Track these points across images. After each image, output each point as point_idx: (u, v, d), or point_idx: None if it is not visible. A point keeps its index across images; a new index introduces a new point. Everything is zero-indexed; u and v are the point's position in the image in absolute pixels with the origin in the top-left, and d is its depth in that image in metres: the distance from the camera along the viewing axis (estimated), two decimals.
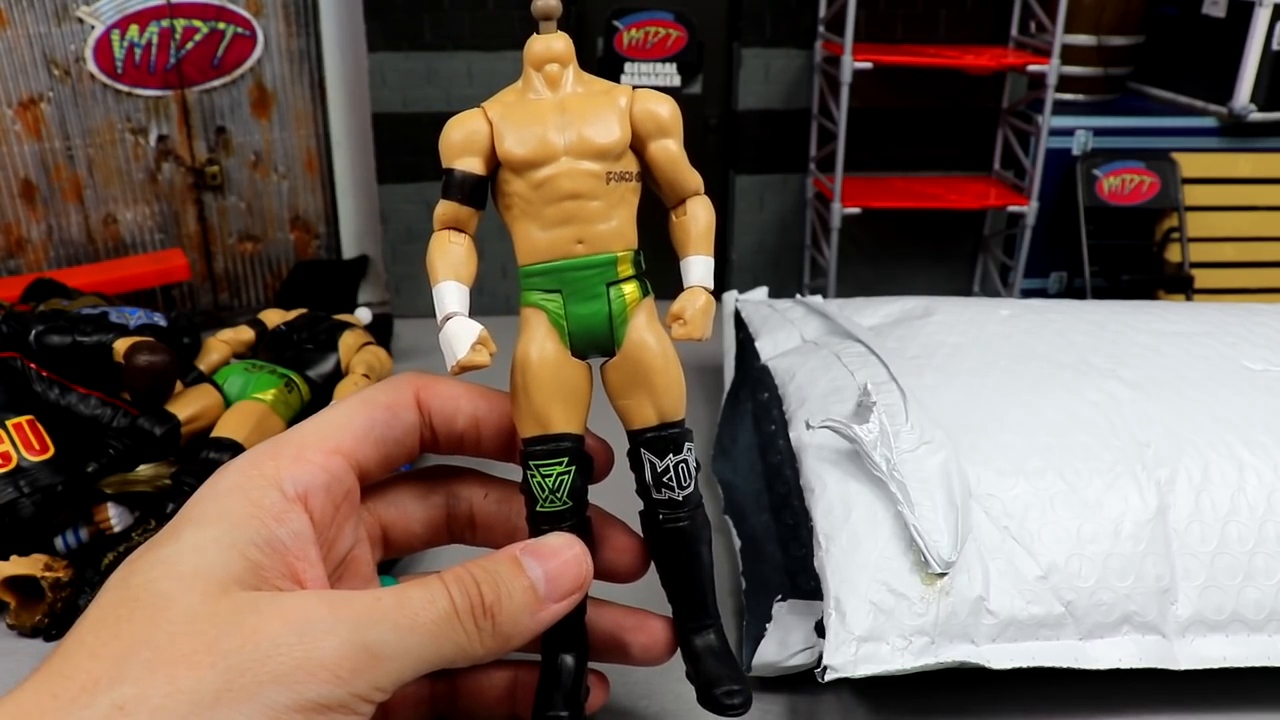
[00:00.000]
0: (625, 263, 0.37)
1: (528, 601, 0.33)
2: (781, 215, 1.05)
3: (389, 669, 0.29)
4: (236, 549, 0.30)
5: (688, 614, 0.40)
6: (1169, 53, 1.14)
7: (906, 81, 1.01)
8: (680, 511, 0.38)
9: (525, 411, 0.36)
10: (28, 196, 0.95)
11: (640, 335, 0.37)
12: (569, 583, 0.34)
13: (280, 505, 0.32)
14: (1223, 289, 1.08)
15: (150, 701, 0.26)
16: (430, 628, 0.31)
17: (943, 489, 0.49)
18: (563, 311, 0.36)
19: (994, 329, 0.65)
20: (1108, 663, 0.47)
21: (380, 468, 0.37)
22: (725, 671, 0.39)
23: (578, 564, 0.35)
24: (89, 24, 0.92)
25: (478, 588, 0.32)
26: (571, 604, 0.35)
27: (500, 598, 0.32)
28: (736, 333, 0.76)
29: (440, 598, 0.31)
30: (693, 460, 0.39)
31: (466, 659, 0.32)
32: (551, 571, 0.34)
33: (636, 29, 0.99)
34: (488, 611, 0.32)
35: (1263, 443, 0.53)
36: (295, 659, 0.28)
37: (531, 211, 0.35)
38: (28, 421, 0.57)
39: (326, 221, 1.05)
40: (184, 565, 0.29)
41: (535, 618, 0.33)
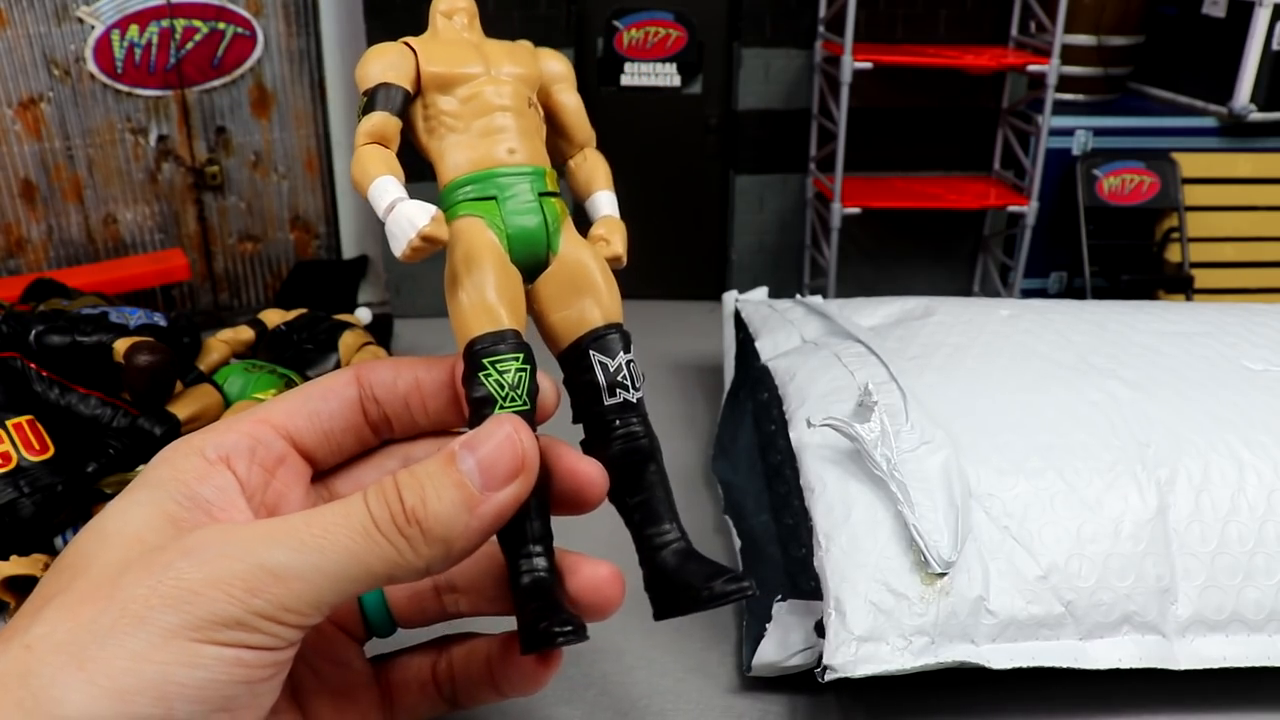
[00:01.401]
0: (551, 178, 0.38)
1: (461, 497, 0.30)
2: (781, 215, 1.05)
3: (296, 588, 0.28)
4: (155, 506, 0.30)
5: (651, 528, 0.37)
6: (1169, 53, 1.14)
7: (906, 81, 1.00)
8: (633, 416, 0.37)
9: (477, 308, 0.34)
10: (28, 196, 0.95)
11: (573, 243, 0.38)
12: (506, 466, 0.30)
13: (201, 467, 0.32)
14: (1223, 289, 1.08)
15: (53, 637, 0.27)
16: (344, 544, 0.29)
17: (943, 489, 0.49)
18: (500, 217, 0.36)
19: (994, 329, 0.65)
20: (1108, 663, 0.47)
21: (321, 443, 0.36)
22: (714, 567, 0.36)
23: (513, 443, 0.31)
24: (89, 24, 0.92)
25: (398, 494, 0.30)
26: (517, 491, 0.31)
27: (426, 500, 0.29)
28: (736, 333, 0.76)
29: (355, 512, 0.29)
30: (638, 366, 0.37)
31: (406, 572, 0.30)
32: (484, 459, 0.30)
33: (636, 29, 0.99)
34: (412, 518, 0.29)
35: (1263, 443, 0.53)
36: (186, 581, 0.27)
37: (460, 127, 0.37)
38: (28, 421, 0.57)
39: (326, 221, 1.05)
40: (107, 528, 0.30)
41: (475, 514, 0.30)
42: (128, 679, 0.26)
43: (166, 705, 0.26)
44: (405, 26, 0.97)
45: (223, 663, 0.27)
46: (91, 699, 0.26)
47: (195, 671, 0.27)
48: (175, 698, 0.26)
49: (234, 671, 0.27)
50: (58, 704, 0.25)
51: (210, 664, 0.27)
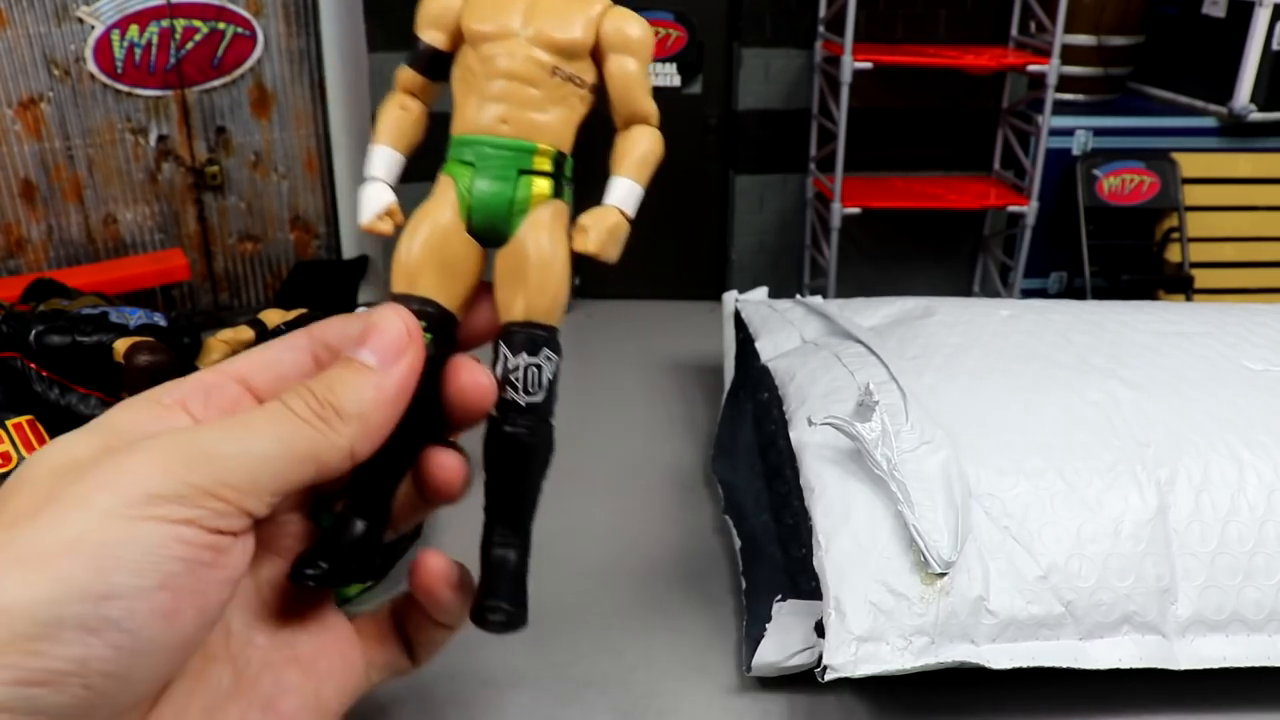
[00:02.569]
0: (544, 157, 0.36)
1: (365, 379, 0.33)
2: (781, 215, 1.05)
3: (229, 465, 0.29)
4: (98, 438, 0.31)
5: (497, 525, 0.38)
6: (1169, 53, 1.14)
7: (906, 81, 1.01)
8: (518, 419, 0.36)
9: (399, 267, 0.36)
10: (28, 196, 0.95)
11: (532, 228, 0.36)
12: (393, 341, 0.34)
13: (155, 410, 0.33)
14: (1223, 289, 1.08)
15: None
16: (269, 427, 0.31)
17: (943, 489, 0.49)
18: (469, 184, 0.36)
19: (994, 329, 0.65)
20: (1108, 663, 0.47)
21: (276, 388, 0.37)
22: (504, 588, 0.37)
23: (395, 324, 0.35)
24: (89, 24, 0.92)
25: (309, 389, 0.33)
26: (410, 369, 0.35)
27: (334, 386, 0.33)
28: (736, 333, 0.76)
29: (275, 404, 0.32)
30: (548, 370, 0.36)
31: (331, 452, 0.32)
32: (375, 342, 0.34)
33: None
34: (325, 403, 0.32)
35: (1263, 443, 0.53)
36: (119, 465, 0.28)
37: (475, 85, 0.36)
38: (28, 421, 0.57)
39: (326, 221, 1.05)
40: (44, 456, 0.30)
41: (380, 388, 0.33)
42: (65, 560, 0.26)
43: (104, 577, 0.26)
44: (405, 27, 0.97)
45: (161, 538, 0.28)
46: (29, 583, 0.26)
47: (133, 545, 0.27)
48: (113, 570, 0.27)
49: (173, 546, 0.28)
50: None
51: (147, 538, 0.27)
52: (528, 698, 0.50)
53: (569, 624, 0.56)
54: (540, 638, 0.55)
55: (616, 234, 0.36)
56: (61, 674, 0.26)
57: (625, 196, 0.37)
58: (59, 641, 0.26)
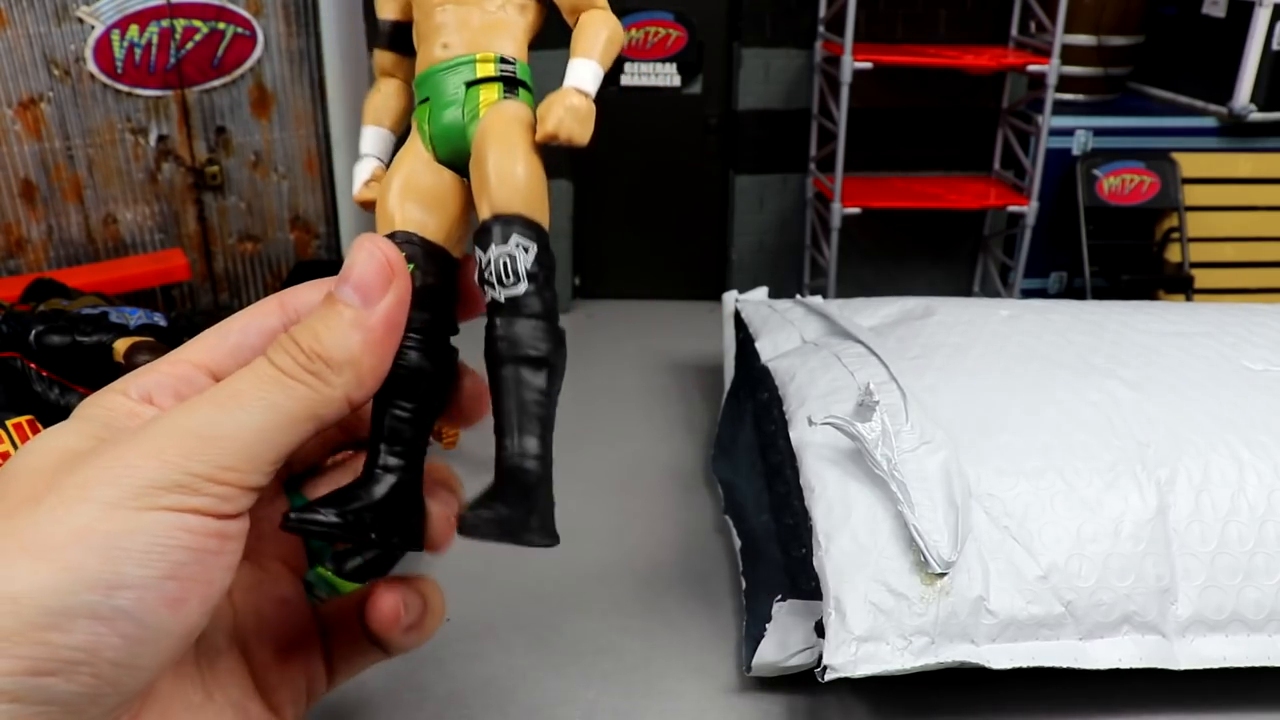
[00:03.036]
0: (485, 63, 0.35)
1: (348, 318, 0.32)
2: (781, 215, 1.05)
3: (228, 446, 0.29)
4: (83, 433, 0.31)
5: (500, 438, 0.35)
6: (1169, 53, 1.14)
7: (906, 81, 1.01)
8: (500, 315, 0.33)
9: (380, 213, 0.35)
10: (28, 196, 0.95)
11: (483, 128, 0.35)
12: (375, 278, 0.33)
13: (126, 406, 0.33)
14: (1223, 289, 1.08)
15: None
16: (259, 395, 0.30)
17: (943, 489, 0.49)
18: (428, 116, 0.36)
19: (994, 329, 0.65)
20: (1108, 663, 0.47)
21: None
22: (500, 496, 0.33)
23: (374, 256, 0.33)
24: (89, 24, 0.92)
25: (294, 341, 0.31)
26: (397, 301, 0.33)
27: (319, 334, 0.31)
28: (736, 333, 0.76)
29: (261, 367, 0.31)
30: (524, 260, 0.34)
31: (326, 406, 0.31)
32: (356, 281, 0.32)
33: (636, 29, 0.99)
34: (312, 355, 0.31)
35: (1263, 443, 0.53)
36: (117, 458, 0.28)
37: (422, 31, 0.37)
38: (28, 421, 0.57)
39: (326, 221, 1.05)
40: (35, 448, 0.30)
41: (367, 329, 0.32)
42: (73, 550, 0.26)
43: (114, 568, 0.26)
44: None
45: (167, 526, 0.27)
46: (39, 573, 0.26)
47: (139, 536, 0.27)
48: (123, 561, 0.27)
49: (179, 535, 0.28)
50: (4, 582, 0.25)
51: (154, 528, 0.27)
52: (527, 697, 0.50)
53: (569, 624, 0.56)
54: (540, 638, 0.55)
55: (578, 113, 0.34)
56: (72, 663, 0.26)
57: (583, 75, 0.35)
58: (70, 631, 0.26)
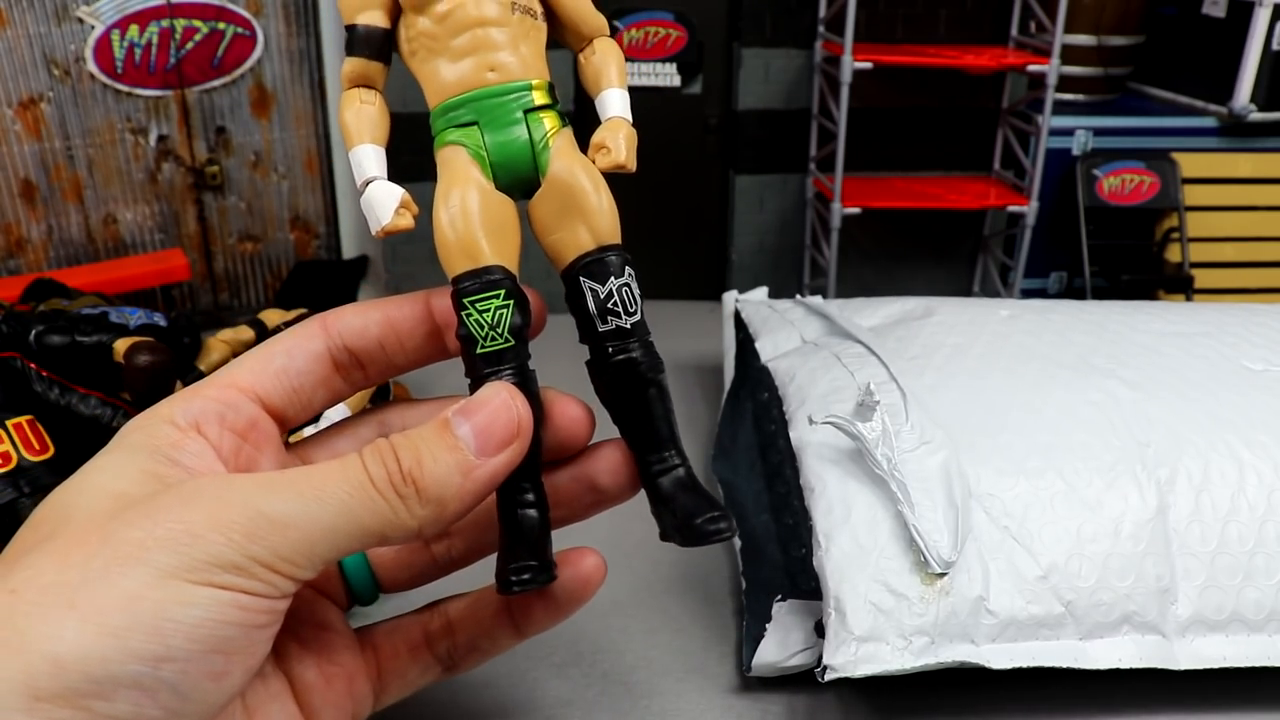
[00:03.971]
0: (541, 90, 0.36)
1: (456, 461, 0.30)
2: (781, 215, 1.05)
3: (292, 537, 0.28)
4: (135, 465, 0.30)
5: (652, 454, 0.37)
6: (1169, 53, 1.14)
7: (906, 81, 1.01)
8: (629, 341, 0.35)
9: (454, 247, 0.34)
10: (28, 196, 0.96)
11: (566, 160, 0.35)
12: (501, 432, 0.31)
13: (174, 435, 0.32)
14: (1223, 289, 1.08)
15: (40, 580, 0.26)
16: (341, 497, 0.29)
17: (943, 489, 0.49)
18: (482, 143, 0.35)
19: (994, 329, 0.65)
20: (1108, 663, 0.47)
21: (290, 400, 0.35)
22: (703, 502, 0.36)
23: (507, 410, 0.32)
24: (89, 24, 0.92)
25: (395, 455, 0.30)
26: (511, 457, 0.32)
27: (422, 461, 0.30)
28: (736, 333, 0.76)
29: (352, 468, 0.30)
30: (636, 286, 0.36)
31: (398, 531, 0.30)
32: (480, 424, 0.31)
33: (636, 29, 0.99)
34: (408, 478, 0.30)
35: (1263, 443, 0.53)
36: (185, 523, 0.27)
37: (438, 48, 0.35)
38: (28, 421, 0.57)
39: (326, 221, 1.05)
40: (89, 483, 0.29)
41: (469, 477, 0.31)
42: (122, 617, 0.26)
43: (162, 641, 0.26)
44: None
45: (219, 604, 0.27)
46: (85, 636, 0.25)
47: (191, 610, 0.26)
48: (170, 634, 0.26)
49: (230, 613, 0.27)
50: (49, 641, 0.25)
51: (206, 604, 0.27)
52: (527, 698, 0.50)
53: (569, 624, 0.56)
54: (540, 638, 0.55)
55: (633, 142, 0.36)
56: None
57: (624, 107, 0.36)
58: (112, 700, 0.25)
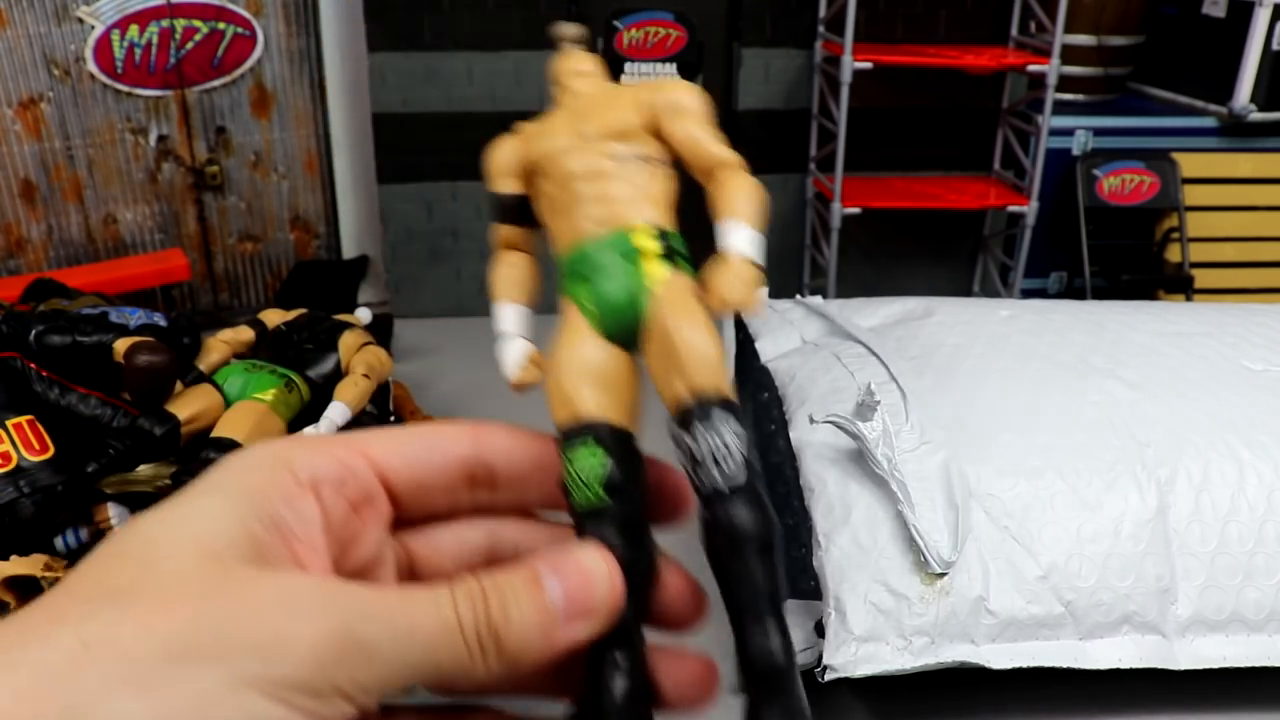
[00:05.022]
0: (643, 235, 0.35)
1: (540, 621, 0.30)
2: (781, 215, 1.05)
3: (375, 668, 0.27)
4: (238, 519, 0.29)
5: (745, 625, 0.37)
6: (1169, 53, 1.14)
7: (906, 81, 1.00)
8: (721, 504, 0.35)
9: (555, 398, 0.34)
10: (28, 196, 0.95)
11: (662, 304, 0.35)
12: (591, 600, 0.31)
13: (289, 486, 0.31)
14: (1223, 289, 1.08)
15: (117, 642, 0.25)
16: (429, 635, 0.28)
17: (943, 489, 0.49)
18: (590, 295, 0.35)
19: (994, 329, 0.65)
20: (1108, 663, 0.47)
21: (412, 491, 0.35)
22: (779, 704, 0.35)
23: (605, 579, 0.31)
24: (89, 24, 0.92)
25: (485, 600, 0.30)
26: (597, 626, 0.32)
27: (509, 613, 0.28)
28: (736, 333, 0.76)
29: (445, 605, 0.29)
30: (740, 443, 0.35)
31: (465, 677, 0.30)
32: (570, 588, 0.31)
33: (636, 29, 0.99)
34: (492, 628, 0.28)
35: (1263, 443, 0.53)
36: (277, 631, 0.26)
37: (557, 205, 0.35)
38: (28, 421, 0.57)
39: (326, 221, 1.05)
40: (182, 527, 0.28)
41: (549, 640, 0.30)
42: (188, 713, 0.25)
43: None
44: (405, 27, 0.98)
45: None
46: None
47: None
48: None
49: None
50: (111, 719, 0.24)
51: None
52: None
53: None
54: None
55: (741, 275, 0.34)
56: None
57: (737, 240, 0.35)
58: None
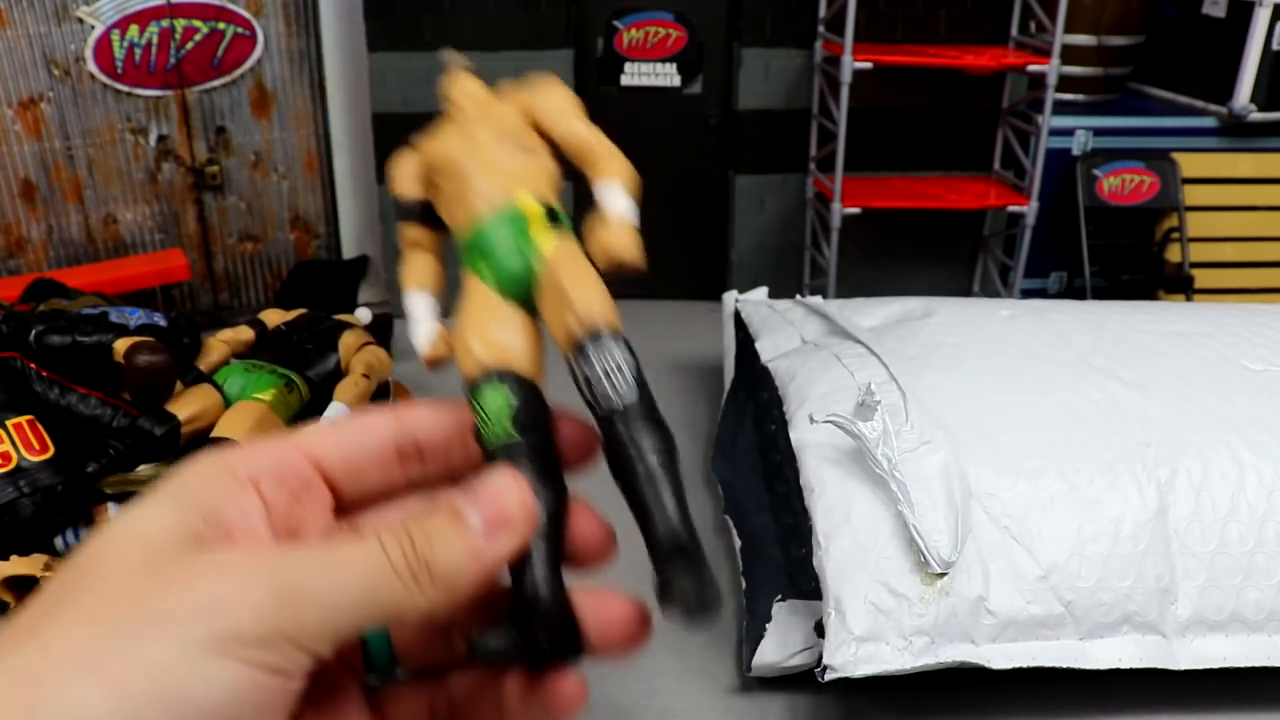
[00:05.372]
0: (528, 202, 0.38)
1: (465, 543, 0.31)
2: (781, 215, 1.05)
3: (316, 612, 0.28)
4: (178, 517, 0.31)
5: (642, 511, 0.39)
6: (1169, 53, 1.14)
7: (906, 81, 1.00)
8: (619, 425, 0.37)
9: (461, 353, 0.36)
10: (28, 196, 0.95)
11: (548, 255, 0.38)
12: (506, 515, 0.32)
13: (229, 485, 0.33)
14: (1223, 289, 1.08)
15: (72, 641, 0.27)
16: (362, 576, 0.30)
17: (943, 489, 0.49)
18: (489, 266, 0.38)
19: (994, 329, 0.65)
20: (1108, 663, 0.47)
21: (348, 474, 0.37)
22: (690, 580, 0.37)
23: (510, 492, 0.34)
24: (89, 24, 0.92)
25: (410, 538, 0.31)
26: (515, 540, 0.34)
27: (434, 545, 0.31)
28: (736, 333, 0.76)
29: (373, 548, 0.31)
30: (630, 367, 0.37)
31: (411, 611, 0.31)
32: (485, 509, 0.32)
33: (636, 29, 0.99)
34: (421, 560, 0.31)
35: (1263, 443, 0.53)
36: (215, 593, 0.27)
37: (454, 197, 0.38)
38: (28, 421, 0.57)
39: (326, 221, 1.05)
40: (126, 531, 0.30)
41: (477, 559, 0.31)
42: (145, 687, 0.26)
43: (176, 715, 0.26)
44: (405, 27, 0.98)
45: (240, 682, 0.27)
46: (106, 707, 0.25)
47: (212, 687, 0.26)
48: (188, 714, 0.26)
49: (248, 694, 0.27)
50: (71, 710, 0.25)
51: (228, 681, 0.27)
52: None
53: None
54: None
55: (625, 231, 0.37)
56: None
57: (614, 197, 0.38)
58: None
